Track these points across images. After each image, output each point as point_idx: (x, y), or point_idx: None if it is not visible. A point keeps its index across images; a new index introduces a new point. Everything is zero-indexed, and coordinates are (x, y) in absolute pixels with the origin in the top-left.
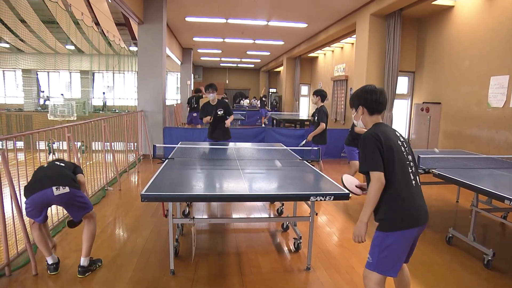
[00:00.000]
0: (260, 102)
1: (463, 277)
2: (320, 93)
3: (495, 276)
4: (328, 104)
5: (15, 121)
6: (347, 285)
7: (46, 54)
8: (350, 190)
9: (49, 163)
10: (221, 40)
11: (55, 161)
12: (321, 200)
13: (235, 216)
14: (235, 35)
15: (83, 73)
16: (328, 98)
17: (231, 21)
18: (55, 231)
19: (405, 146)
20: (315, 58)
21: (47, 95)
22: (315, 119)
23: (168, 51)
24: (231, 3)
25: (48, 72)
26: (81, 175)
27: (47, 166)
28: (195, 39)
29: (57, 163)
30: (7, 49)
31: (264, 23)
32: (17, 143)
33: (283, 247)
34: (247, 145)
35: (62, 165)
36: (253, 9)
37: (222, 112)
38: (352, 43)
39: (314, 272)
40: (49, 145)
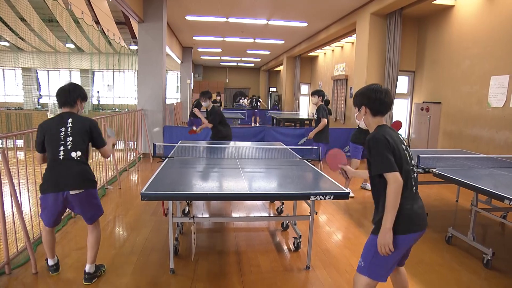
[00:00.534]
0: (250, 102)
1: (463, 276)
2: (319, 93)
3: (494, 275)
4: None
5: (15, 120)
6: (347, 284)
7: (46, 52)
8: (329, 163)
9: (64, 155)
10: (221, 39)
11: (71, 151)
12: (321, 199)
13: (235, 215)
14: (235, 34)
15: (83, 71)
16: (328, 97)
17: (231, 20)
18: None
19: (408, 151)
20: (315, 57)
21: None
22: (315, 117)
23: (168, 50)
24: (231, 2)
25: (48, 70)
26: (104, 148)
27: (62, 158)
28: (195, 38)
29: (74, 155)
30: (7, 48)
31: (264, 22)
32: (17, 141)
33: (283, 246)
34: (247, 144)
35: (78, 159)
36: (253, 8)
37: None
38: (352, 43)
39: (313, 271)
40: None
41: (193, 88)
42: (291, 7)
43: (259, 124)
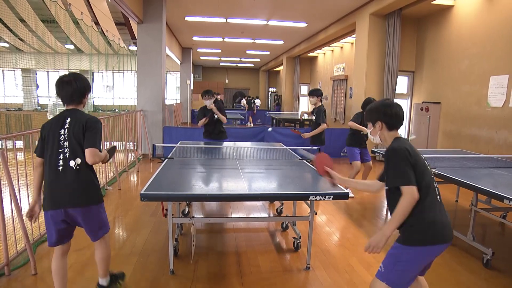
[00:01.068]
0: (247, 103)
1: (462, 276)
2: (317, 92)
3: (494, 275)
4: (327, 103)
5: (15, 121)
6: (346, 285)
7: (45, 53)
8: (317, 167)
9: (63, 164)
10: (220, 39)
11: (69, 159)
12: (321, 199)
13: (234, 215)
14: (234, 34)
15: (83, 72)
16: (327, 97)
17: (230, 20)
18: None
19: (427, 161)
20: (315, 57)
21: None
22: (314, 119)
23: (167, 51)
24: (230, 2)
25: (47, 71)
26: (92, 149)
27: (61, 170)
28: (194, 38)
29: (72, 164)
30: (7, 49)
31: (263, 22)
32: (17, 142)
33: (282, 247)
34: (247, 144)
35: (77, 168)
36: (252, 9)
37: (216, 115)
38: (351, 43)
39: (313, 271)
40: None
41: (192, 88)
42: (291, 8)
43: (257, 123)
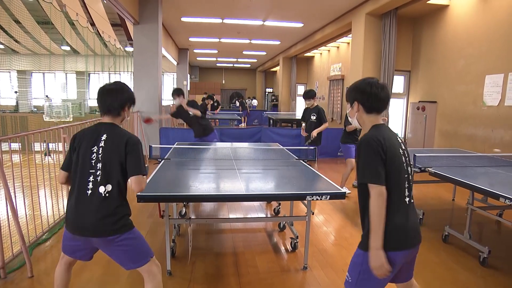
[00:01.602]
0: (240, 104)
1: (459, 274)
2: (312, 93)
3: (490, 273)
4: (324, 103)
5: (10, 123)
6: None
7: (41, 55)
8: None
9: (92, 189)
10: (217, 40)
11: (100, 184)
12: (318, 199)
13: (232, 216)
14: (231, 35)
15: (79, 74)
16: (324, 97)
17: (227, 21)
18: (51, 233)
19: (406, 155)
20: (311, 57)
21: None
22: (314, 118)
23: (164, 52)
24: (227, 3)
25: (43, 73)
26: (138, 177)
27: (90, 194)
28: (191, 39)
29: (102, 191)
30: (2, 50)
31: (260, 23)
32: (12, 144)
33: (280, 247)
34: (244, 145)
35: (106, 196)
36: (249, 9)
37: (191, 112)
38: (348, 43)
39: (311, 271)
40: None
41: (189, 89)
42: (287, 8)
43: (254, 123)
